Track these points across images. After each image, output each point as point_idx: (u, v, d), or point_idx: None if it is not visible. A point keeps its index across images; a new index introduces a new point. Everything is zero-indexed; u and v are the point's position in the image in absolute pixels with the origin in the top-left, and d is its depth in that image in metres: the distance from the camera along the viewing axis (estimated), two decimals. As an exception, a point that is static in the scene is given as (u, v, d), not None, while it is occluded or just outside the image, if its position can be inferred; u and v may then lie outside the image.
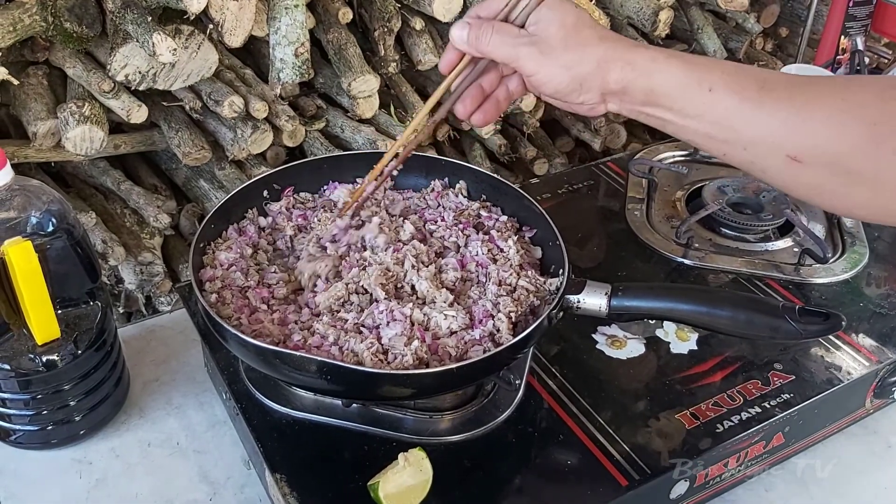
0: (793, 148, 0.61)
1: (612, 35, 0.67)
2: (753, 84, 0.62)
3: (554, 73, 0.66)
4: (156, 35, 1.08)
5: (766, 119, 0.61)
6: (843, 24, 1.57)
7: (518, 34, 0.67)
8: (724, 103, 0.62)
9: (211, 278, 0.79)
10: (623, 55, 0.65)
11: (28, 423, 0.82)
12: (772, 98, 0.61)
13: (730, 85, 0.62)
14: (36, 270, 0.73)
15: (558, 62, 0.66)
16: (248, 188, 0.88)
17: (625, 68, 0.65)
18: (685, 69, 0.64)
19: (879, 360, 0.88)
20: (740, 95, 0.62)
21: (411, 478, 0.71)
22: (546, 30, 0.66)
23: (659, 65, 0.64)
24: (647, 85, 0.64)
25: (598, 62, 0.65)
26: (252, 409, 0.80)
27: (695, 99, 0.63)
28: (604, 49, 0.65)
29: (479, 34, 0.68)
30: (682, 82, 0.63)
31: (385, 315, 0.74)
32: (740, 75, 0.63)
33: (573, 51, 0.65)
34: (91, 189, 1.35)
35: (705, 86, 0.63)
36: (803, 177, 0.62)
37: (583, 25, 0.66)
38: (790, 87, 0.62)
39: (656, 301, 0.76)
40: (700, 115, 0.64)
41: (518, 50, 0.67)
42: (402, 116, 1.44)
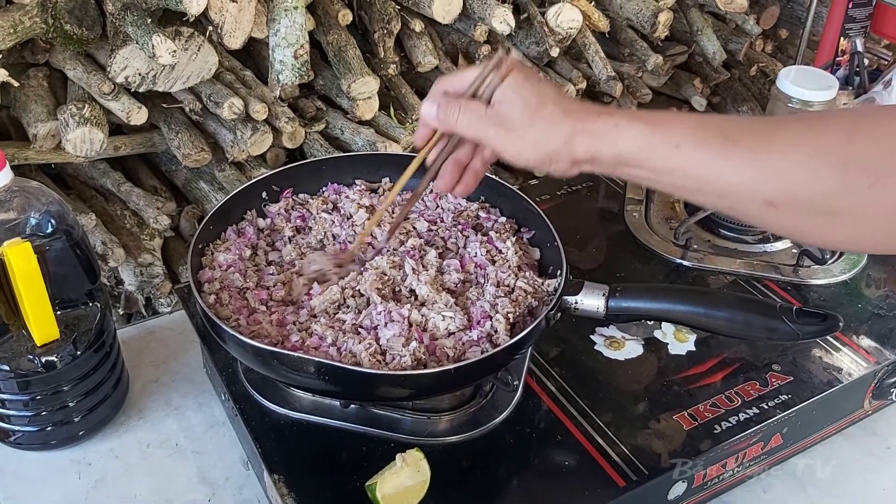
0: (766, 194, 0.61)
1: (576, 106, 0.67)
2: (718, 136, 0.63)
3: (522, 151, 0.67)
4: (155, 37, 1.08)
5: (736, 170, 0.62)
6: (842, 25, 1.57)
7: (485, 114, 0.68)
8: (692, 158, 0.63)
9: (209, 279, 0.80)
10: (586, 127, 0.66)
11: (27, 423, 0.82)
12: (737, 148, 0.62)
13: (696, 140, 0.63)
14: (35, 271, 0.73)
15: (525, 141, 0.67)
16: (246, 189, 0.89)
17: (590, 139, 0.65)
18: (648, 131, 0.64)
19: (878, 361, 0.88)
20: (707, 149, 0.62)
21: (409, 478, 0.71)
22: (510, 111, 0.67)
23: (622, 130, 0.65)
24: (614, 151, 0.65)
25: (565, 137, 0.66)
26: (250, 410, 0.80)
27: (664, 158, 0.64)
28: (569, 124, 0.66)
29: (448, 113, 0.70)
30: (647, 144, 0.64)
31: (383, 316, 0.75)
32: (704, 128, 0.64)
33: (539, 129, 0.66)
34: (91, 191, 1.35)
35: (671, 144, 0.63)
36: (782, 219, 0.63)
37: (546, 101, 0.67)
38: (755, 134, 0.62)
39: (654, 302, 0.76)
40: (671, 171, 0.64)
41: (486, 130, 0.68)
42: (401, 118, 1.44)
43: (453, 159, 0.75)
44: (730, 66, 1.82)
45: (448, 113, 0.70)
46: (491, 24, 1.38)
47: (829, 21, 1.61)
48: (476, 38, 1.43)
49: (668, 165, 0.64)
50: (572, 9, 1.46)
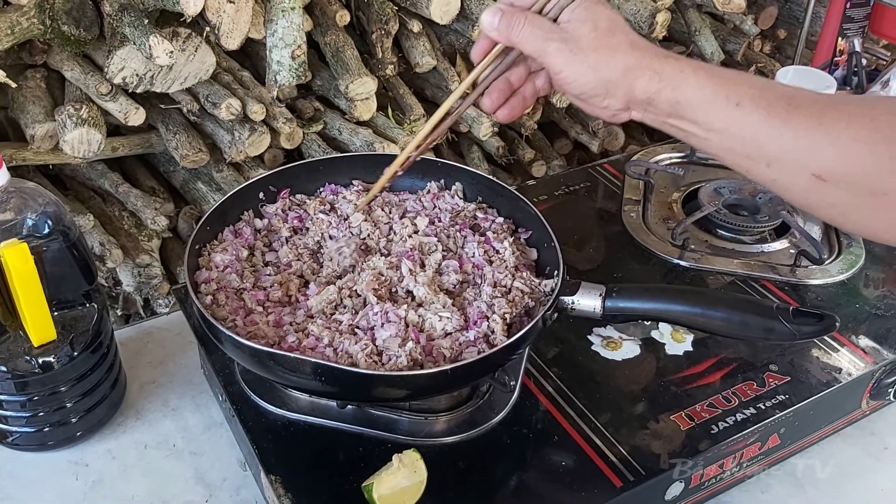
0: (818, 166, 0.61)
1: (644, 43, 0.66)
2: (781, 100, 0.62)
3: (580, 72, 0.65)
4: (153, 38, 1.08)
5: (793, 136, 0.61)
6: (840, 25, 1.57)
7: (550, 28, 0.66)
8: (750, 119, 0.62)
9: (206, 280, 0.79)
10: (651, 64, 0.64)
11: (25, 424, 0.82)
12: (799, 115, 0.61)
13: (757, 100, 0.62)
14: (32, 272, 0.73)
15: (586, 62, 0.65)
16: (243, 190, 0.89)
17: (652, 78, 0.64)
18: (713, 83, 0.63)
19: (875, 361, 0.88)
20: (767, 111, 0.61)
21: (406, 479, 0.71)
22: (578, 29, 0.65)
23: (686, 76, 0.63)
24: (673, 97, 0.64)
25: (626, 69, 0.64)
26: (248, 411, 0.80)
27: (721, 113, 0.63)
28: (634, 57, 0.64)
29: (511, 23, 0.67)
30: (708, 96, 0.63)
31: (379, 316, 0.75)
32: (768, 91, 0.63)
33: (602, 54, 0.64)
34: (89, 191, 1.35)
35: (733, 100, 0.62)
36: (827, 196, 0.62)
37: (616, 30, 0.65)
38: (818, 105, 0.62)
39: (650, 302, 0.76)
40: (725, 130, 0.63)
41: (548, 44, 0.66)
42: (399, 119, 1.44)
43: (505, 78, 0.73)
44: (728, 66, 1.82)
45: (511, 23, 0.67)
46: (489, 24, 1.38)
47: (827, 21, 1.61)
48: (474, 38, 1.44)
49: (724, 122, 0.62)
50: (570, 9, 1.46)
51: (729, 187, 1.10)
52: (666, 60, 0.64)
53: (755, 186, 1.10)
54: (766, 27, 1.86)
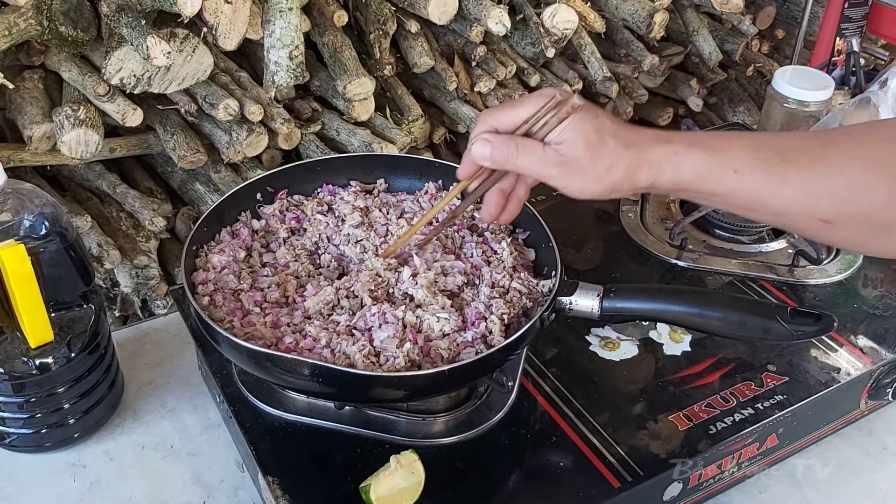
0: (822, 212, 0.64)
1: (634, 136, 0.68)
2: (776, 157, 0.65)
3: (586, 186, 0.69)
4: (150, 38, 1.08)
5: (792, 191, 0.64)
6: (838, 25, 1.58)
7: (545, 154, 0.68)
8: (749, 183, 0.65)
9: (203, 281, 0.79)
10: (647, 157, 0.67)
11: (22, 426, 0.82)
12: (793, 170, 0.64)
13: (753, 164, 0.65)
14: (29, 273, 0.73)
15: (589, 178, 0.68)
16: (241, 191, 0.88)
17: (651, 168, 0.67)
18: (706, 157, 0.66)
19: (874, 361, 0.88)
20: (764, 172, 0.65)
21: (403, 480, 0.71)
22: (573, 150, 0.67)
23: (681, 159, 0.66)
24: (673, 178, 0.67)
25: (627, 170, 0.67)
26: (245, 412, 0.80)
27: (721, 182, 0.66)
28: (630, 156, 0.67)
29: (506, 154, 0.69)
30: (705, 171, 0.66)
31: (377, 317, 0.74)
32: (761, 150, 0.66)
33: (602, 166, 0.67)
34: (87, 192, 1.35)
35: (729, 169, 0.65)
36: (838, 234, 0.66)
37: (606, 137, 0.67)
38: (809, 153, 0.65)
39: (648, 302, 0.76)
40: (729, 194, 0.67)
41: (549, 171, 0.69)
42: (397, 119, 1.44)
43: (498, 189, 0.76)
44: (726, 67, 1.82)
45: (506, 154, 0.69)
46: (487, 24, 1.38)
47: (825, 21, 1.61)
48: (472, 39, 1.44)
49: (726, 189, 0.66)
50: (568, 9, 1.46)
51: (727, 187, 1.09)
52: (658, 146, 0.67)
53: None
54: (765, 27, 1.86)
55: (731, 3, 1.58)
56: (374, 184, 0.94)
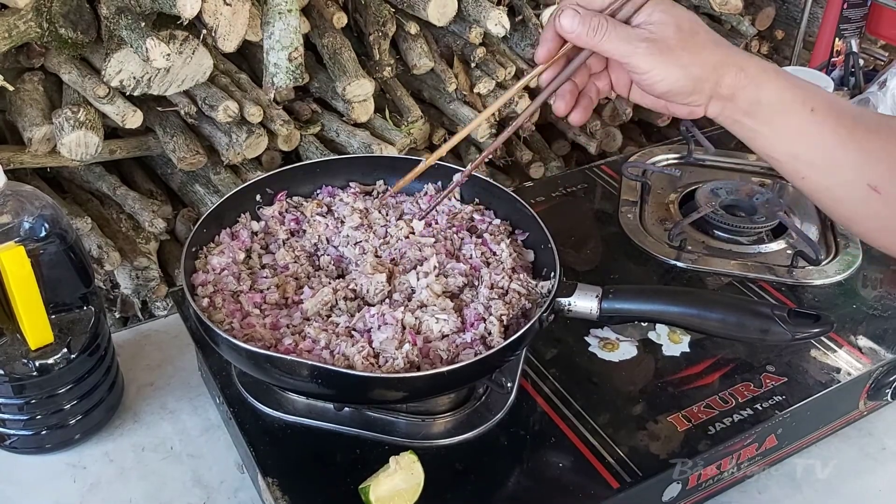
0: (874, 178, 0.64)
1: (725, 41, 0.68)
2: (848, 113, 0.65)
3: (670, 72, 0.66)
4: (150, 40, 1.08)
5: (856, 147, 0.65)
6: (837, 26, 1.58)
7: (633, 31, 0.66)
8: (821, 125, 0.65)
9: (203, 283, 0.79)
10: (738, 61, 0.66)
11: (22, 427, 0.82)
12: (863, 128, 0.65)
13: (829, 110, 0.65)
14: (29, 275, 0.73)
15: (676, 62, 0.66)
16: (240, 192, 0.89)
17: (738, 74, 0.66)
18: (791, 87, 0.66)
19: (873, 361, 0.88)
20: (837, 120, 0.65)
21: (403, 481, 0.71)
22: (663, 30, 0.65)
23: (769, 76, 0.66)
24: (755, 95, 0.66)
25: (715, 65, 0.66)
26: (244, 414, 0.80)
27: (796, 116, 0.65)
28: (720, 53, 0.66)
29: (593, 27, 0.66)
30: (788, 98, 0.65)
31: (376, 319, 0.75)
32: (837, 103, 0.66)
33: (691, 52, 0.65)
34: (87, 194, 1.35)
35: (808, 105, 0.65)
36: (876, 209, 0.66)
37: (698, 28, 0.66)
38: (879, 120, 0.66)
39: (647, 303, 0.76)
40: (797, 135, 0.66)
41: (635, 47, 0.66)
42: (396, 120, 1.44)
43: (571, 82, 0.73)
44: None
45: (593, 27, 0.66)
46: (486, 26, 1.39)
47: (824, 22, 1.62)
48: (471, 40, 1.44)
49: (798, 127, 0.65)
50: (567, 11, 1.46)
51: (726, 188, 1.10)
52: (750, 58, 0.66)
53: (752, 187, 1.10)
54: (764, 28, 1.86)
55: (730, 4, 1.59)
56: (374, 185, 0.94)
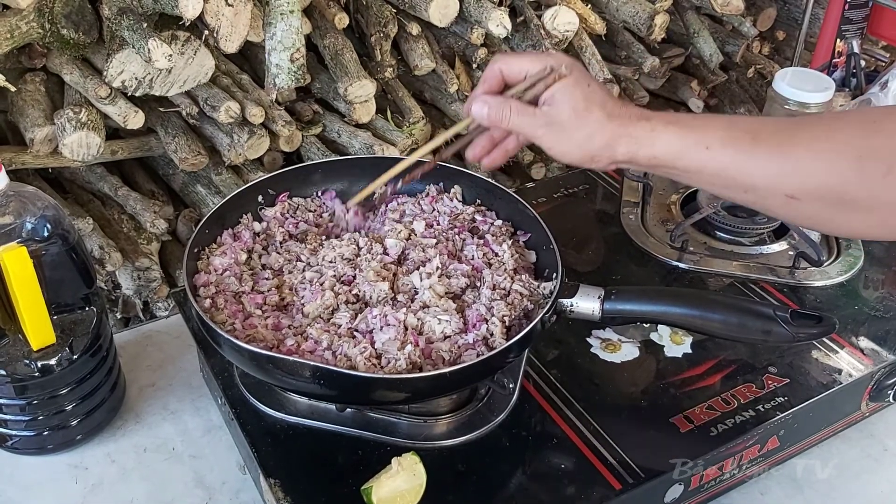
0: (788, 188, 0.67)
1: (619, 110, 0.72)
2: (746, 136, 0.69)
3: (568, 149, 0.73)
4: (151, 41, 1.09)
5: (761, 167, 0.68)
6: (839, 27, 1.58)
7: (534, 115, 0.73)
8: (720, 158, 0.69)
9: (205, 283, 0.80)
10: (627, 131, 0.71)
11: (24, 428, 0.82)
12: (763, 148, 0.68)
13: (724, 142, 0.69)
14: (31, 276, 0.73)
15: (572, 142, 0.72)
16: (242, 193, 0.89)
17: (629, 143, 0.71)
18: (682, 134, 0.70)
19: (875, 362, 0.88)
20: (734, 149, 0.69)
21: (405, 482, 0.71)
22: (560, 113, 0.72)
23: (658, 134, 0.71)
24: (650, 153, 0.71)
25: (608, 140, 0.71)
26: (246, 414, 0.80)
27: (694, 158, 0.70)
28: (611, 128, 0.71)
29: (501, 114, 0.74)
30: (680, 147, 0.70)
31: (378, 320, 0.75)
32: (733, 129, 0.70)
33: (584, 132, 0.72)
34: (88, 195, 1.35)
35: (702, 145, 0.69)
36: (802, 211, 0.69)
37: (592, 106, 0.72)
38: (780, 134, 0.69)
39: (649, 304, 0.76)
40: (701, 170, 0.70)
41: (535, 130, 0.74)
42: (398, 121, 1.44)
43: (489, 135, 0.80)
44: (727, 68, 1.82)
45: (501, 114, 0.74)
46: (487, 27, 1.39)
47: (825, 23, 1.62)
48: (473, 41, 1.44)
49: (698, 165, 0.70)
50: (569, 11, 1.46)
51: (728, 189, 1.10)
52: (639, 123, 0.71)
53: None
54: (765, 29, 1.87)
55: (731, 5, 1.59)
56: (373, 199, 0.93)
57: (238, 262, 0.83)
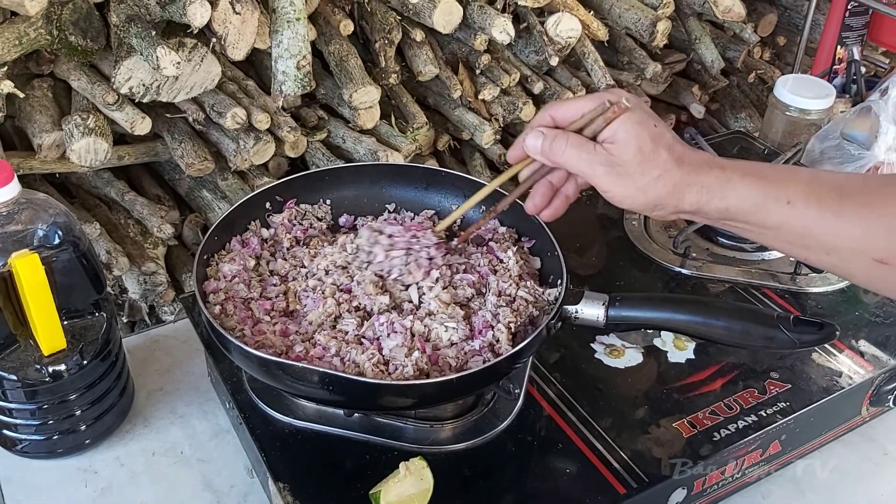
0: (877, 252, 0.62)
1: (689, 156, 0.66)
2: (832, 192, 0.63)
3: (629, 194, 0.67)
4: (159, 48, 1.09)
5: (848, 227, 0.62)
6: (839, 33, 1.59)
7: (594, 151, 0.67)
8: (803, 216, 0.63)
9: (215, 290, 0.80)
10: (698, 179, 0.65)
11: (34, 432, 0.83)
12: (851, 205, 0.62)
13: (808, 197, 0.63)
14: (42, 282, 0.74)
15: (634, 185, 0.66)
16: (250, 200, 0.89)
17: (700, 192, 0.65)
18: (760, 187, 0.64)
19: (875, 368, 0.89)
20: (819, 206, 0.63)
21: (412, 486, 0.72)
22: (624, 152, 0.66)
23: (734, 185, 0.65)
24: (721, 206, 0.65)
25: (675, 186, 0.65)
26: (255, 419, 0.81)
27: (772, 213, 0.64)
28: (680, 174, 0.65)
29: (555, 147, 0.68)
30: (758, 200, 0.64)
31: (385, 327, 0.76)
32: (817, 184, 0.64)
33: (649, 176, 0.65)
34: (95, 200, 1.36)
35: (783, 200, 0.63)
36: (891, 277, 0.63)
37: (659, 148, 0.65)
38: (867, 191, 0.63)
39: (653, 311, 0.77)
40: (779, 227, 0.65)
41: (594, 168, 0.67)
42: (402, 127, 1.45)
43: (547, 181, 0.74)
44: (728, 74, 1.83)
45: (555, 147, 0.68)
46: (491, 33, 1.39)
47: (826, 29, 1.62)
48: (476, 47, 1.45)
49: (777, 221, 0.64)
50: (571, 18, 1.47)
51: (730, 196, 1.10)
52: (711, 172, 0.65)
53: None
54: (766, 34, 1.87)
55: (732, 12, 1.59)
56: None
57: (246, 268, 0.84)
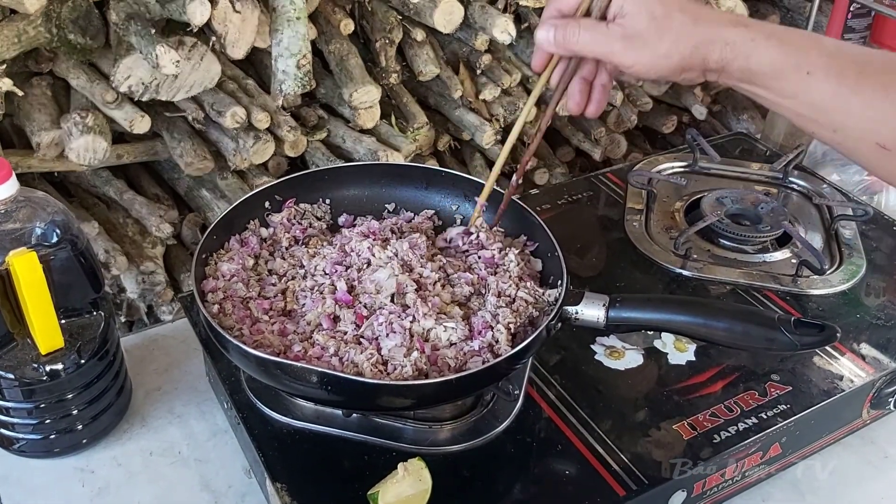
0: (882, 137, 0.62)
1: (705, 14, 0.65)
2: (852, 68, 0.62)
3: (653, 63, 0.66)
4: (159, 47, 1.09)
5: (860, 107, 0.62)
6: (841, 36, 1.58)
7: (607, 29, 0.66)
8: (820, 88, 0.63)
9: (213, 289, 0.80)
10: (721, 34, 0.64)
11: (31, 431, 0.82)
12: (868, 84, 0.62)
13: (828, 69, 0.62)
14: (40, 281, 0.74)
15: (656, 53, 0.65)
16: (249, 200, 0.89)
17: (724, 49, 0.64)
18: (783, 51, 0.63)
19: (876, 370, 0.88)
20: (838, 80, 0.62)
21: (411, 487, 0.71)
22: (636, 22, 0.65)
23: (758, 45, 0.64)
24: (745, 65, 0.64)
25: (696, 45, 0.64)
26: (253, 419, 0.80)
27: (791, 81, 0.63)
28: (700, 32, 0.64)
29: (567, 34, 0.67)
30: (778, 65, 0.63)
31: (384, 327, 0.75)
32: (839, 57, 0.63)
33: (669, 40, 0.65)
34: (94, 198, 1.36)
35: (803, 69, 0.63)
36: (889, 164, 0.63)
37: (672, 11, 0.65)
38: (887, 70, 0.62)
39: (653, 312, 0.77)
40: (794, 97, 0.64)
41: (611, 45, 0.66)
42: (402, 127, 1.45)
43: (579, 78, 0.73)
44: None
45: (567, 35, 0.67)
46: (492, 33, 1.39)
47: (828, 31, 1.62)
48: (477, 47, 1.44)
49: (793, 91, 0.64)
50: (573, 18, 1.46)
51: (731, 197, 1.10)
52: (735, 28, 0.64)
53: (757, 196, 1.11)
54: (768, 36, 1.87)
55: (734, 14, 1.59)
56: None
57: (245, 267, 0.83)
